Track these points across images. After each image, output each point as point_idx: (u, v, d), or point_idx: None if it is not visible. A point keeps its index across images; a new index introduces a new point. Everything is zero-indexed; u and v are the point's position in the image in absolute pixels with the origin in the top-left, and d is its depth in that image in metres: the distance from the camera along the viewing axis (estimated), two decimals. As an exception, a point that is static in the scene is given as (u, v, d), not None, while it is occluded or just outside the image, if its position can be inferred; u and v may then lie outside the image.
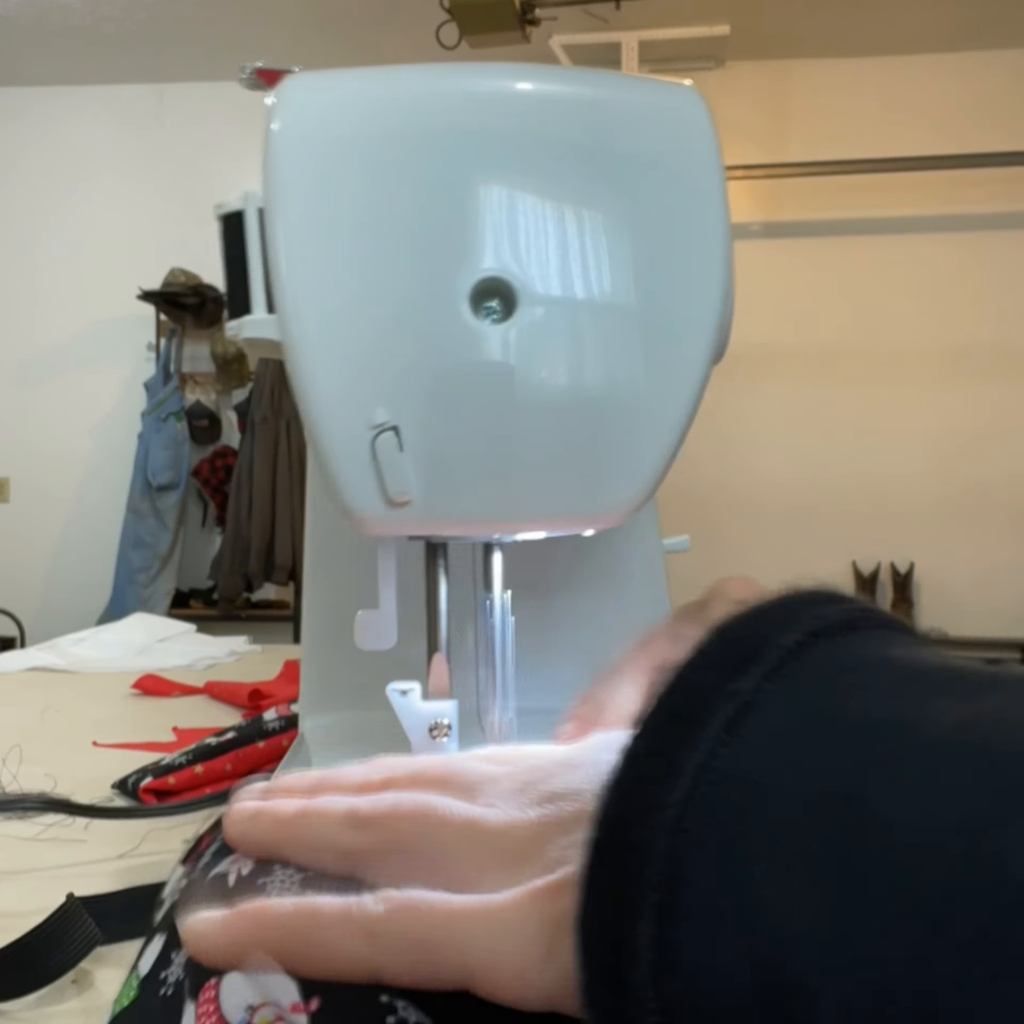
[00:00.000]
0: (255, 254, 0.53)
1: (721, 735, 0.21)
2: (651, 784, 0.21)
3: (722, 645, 0.23)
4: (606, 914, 0.21)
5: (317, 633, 0.63)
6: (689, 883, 0.20)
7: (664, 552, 0.64)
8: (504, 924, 0.24)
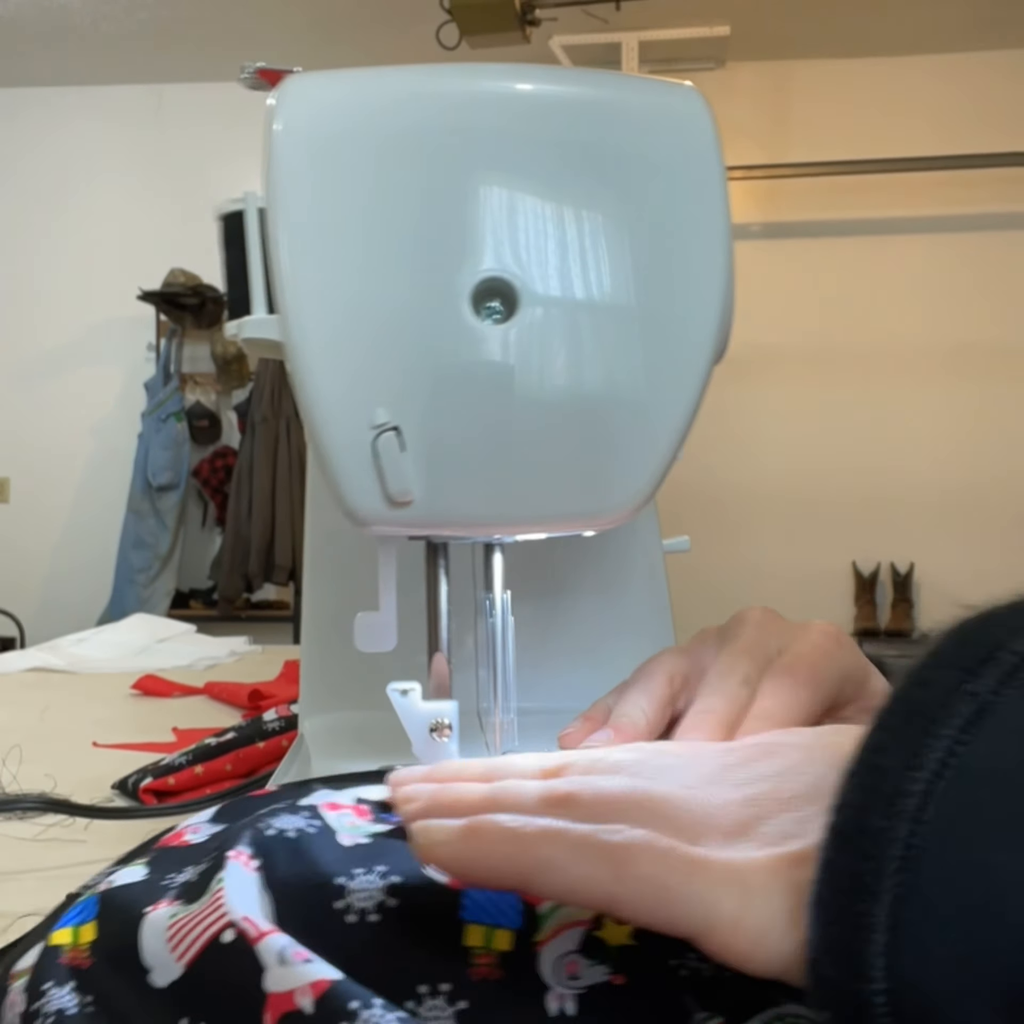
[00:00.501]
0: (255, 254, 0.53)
1: (960, 732, 0.22)
2: (892, 774, 0.22)
3: (955, 645, 0.24)
4: (842, 894, 0.22)
5: (317, 633, 0.63)
6: (928, 870, 0.21)
7: (664, 552, 0.64)
8: (748, 884, 0.25)
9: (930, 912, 0.21)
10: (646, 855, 0.26)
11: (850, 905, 0.21)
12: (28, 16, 3.63)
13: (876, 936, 0.21)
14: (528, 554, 0.54)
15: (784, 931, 0.24)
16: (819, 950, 0.22)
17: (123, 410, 4.20)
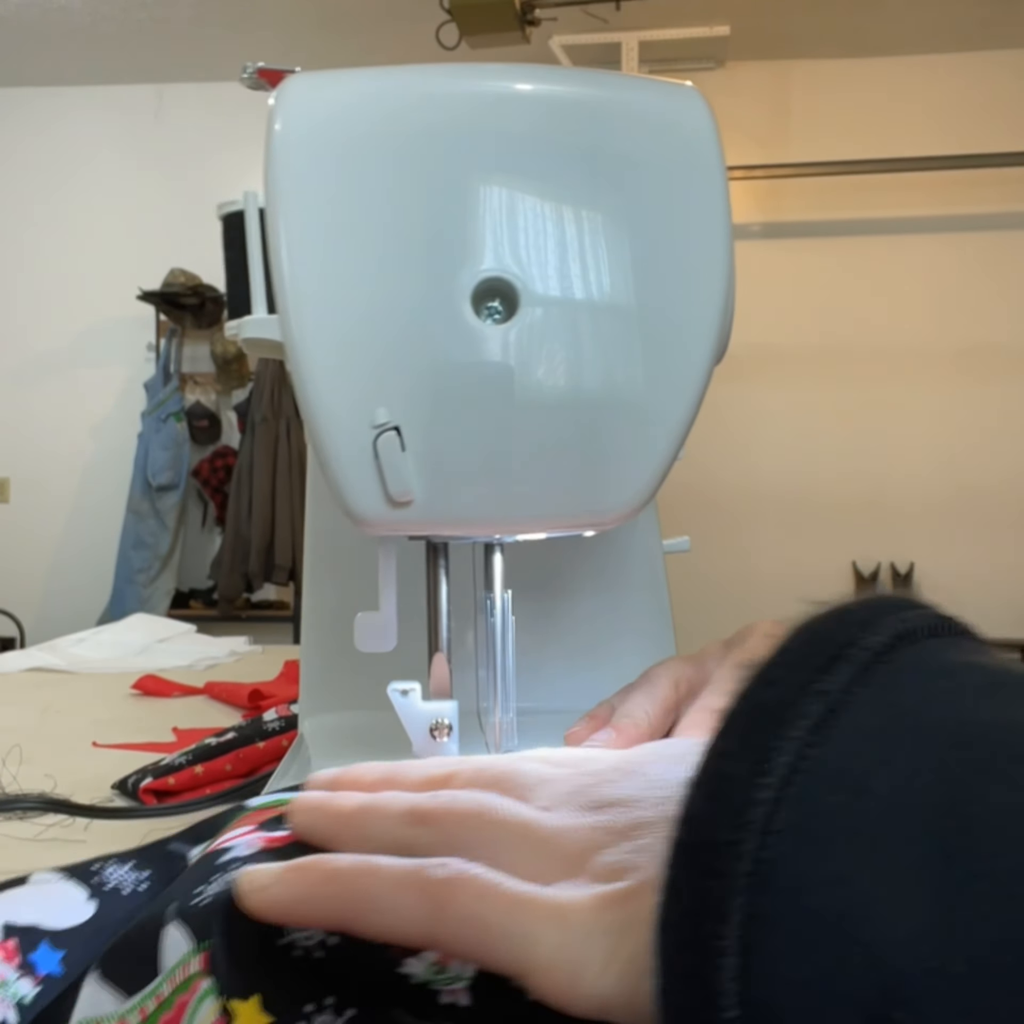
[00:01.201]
0: (256, 254, 0.53)
1: (810, 735, 0.20)
2: (738, 782, 0.20)
3: (804, 644, 0.22)
4: (689, 916, 0.20)
5: (317, 633, 0.63)
6: (780, 886, 0.19)
7: (664, 553, 0.64)
8: (567, 923, 0.24)
9: (782, 931, 0.19)
10: (467, 892, 0.25)
11: (698, 927, 0.20)
12: (28, 16, 3.63)
13: (726, 960, 0.19)
14: (528, 554, 0.54)
15: (600, 971, 0.23)
16: (667, 977, 0.20)
17: (123, 410, 4.20)
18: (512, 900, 0.25)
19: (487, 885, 0.25)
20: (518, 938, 0.24)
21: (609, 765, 0.30)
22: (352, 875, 0.27)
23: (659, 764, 0.29)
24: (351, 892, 0.26)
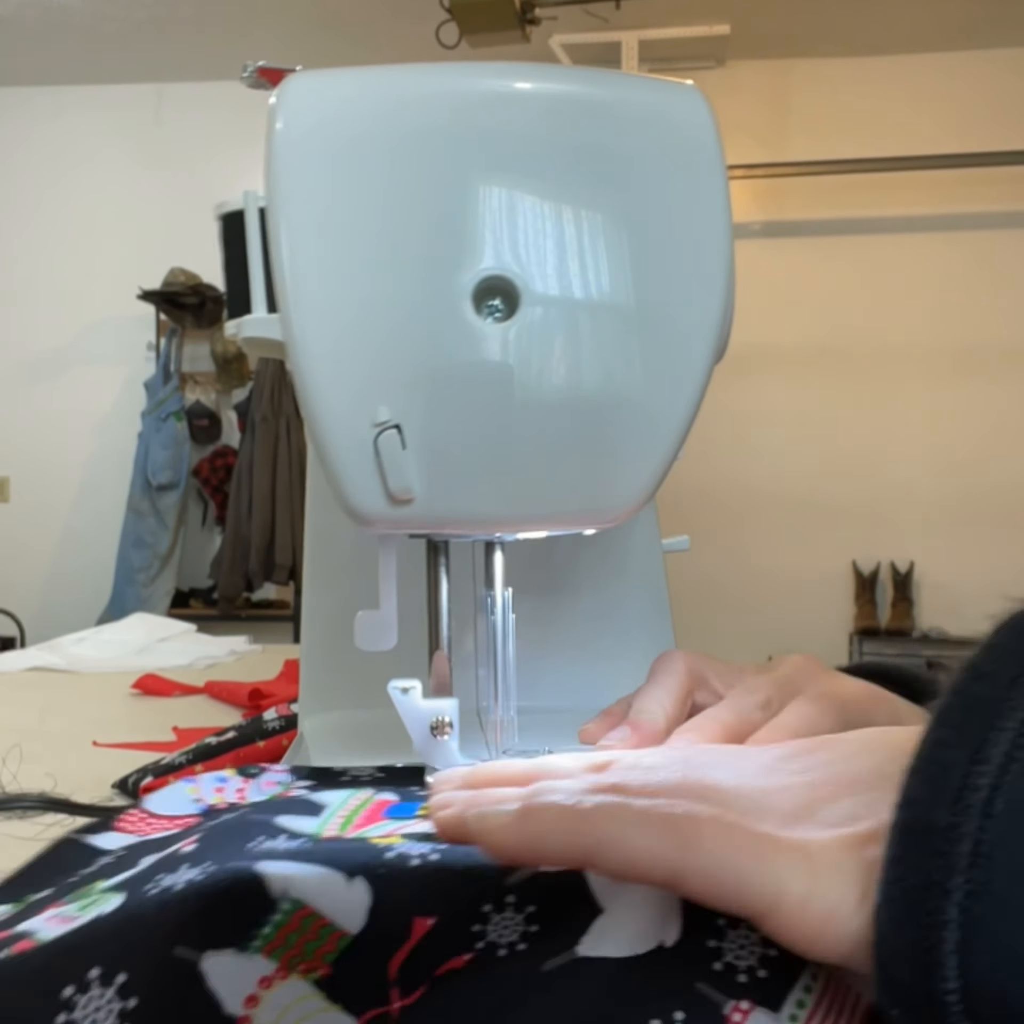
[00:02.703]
0: (256, 253, 0.53)
1: (1022, 725, 0.22)
2: (957, 769, 0.22)
3: (1013, 639, 0.24)
4: (913, 891, 0.21)
5: (317, 633, 0.63)
6: (999, 865, 0.20)
7: (664, 552, 0.64)
8: (817, 862, 0.24)
9: (1003, 907, 0.20)
10: (712, 828, 0.25)
11: (921, 903, 0.21)
12: (28, 16, 3.63)
13: (948, 934, 0.21)
14: (528, 552, 0.54)
15: (854, 910, 0.23)
16: (890, 949, 0.22)
17: (123, 409, 4.20)
18: (758, 838, 0.25)
19: (731, 822, 0.25)
20: (767, 876, 0.24)
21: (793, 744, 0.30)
22: (593, 812, 0.26)
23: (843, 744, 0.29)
24: (593, 829, 0.26)
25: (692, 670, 0.44)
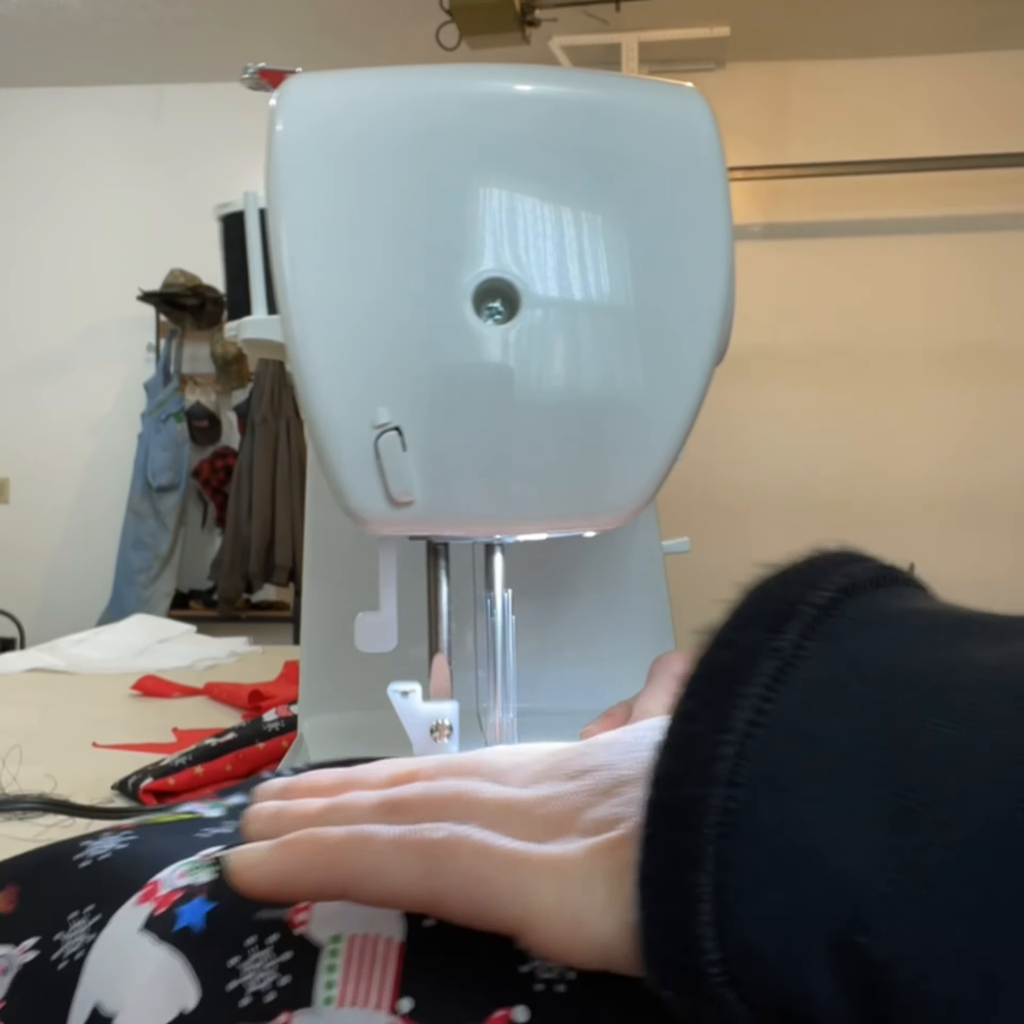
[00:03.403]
0: (256, 255, 0.53)
1: (766, 690, 0.22)
2: (701, 740, 0.22)
3: (756, 604, 0.24)
4: (665, 869, 0.21)
5: (317, 634, 0.63)
6: (745, 833, 0.21)
7: (664, 553, 0.64)
8: (566, 873, 0.24)
9: (753, 874, 0.20)
10: (465, 849, 0.25)
11: (674, 878, 0.21)
12: (28, 16, 3.63)
13: (703, 906, 0.21)
14: (528, 554, 0.54)
15: (600, 916, 0.23)
16: (649, 928, 0.22)
17: (123, 410, 4.20)
18: (509, 855, 0.25)
19: (482, 841, 0.26)
20: (517, 891, 0.25)
21: (581, 744, 0.31)
22: (346, 843, 0.26)
23: (632, 733, 0.30)
24: (347, 859, 0.26)
25: None
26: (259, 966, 0.27)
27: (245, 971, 0.28)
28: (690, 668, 0.23)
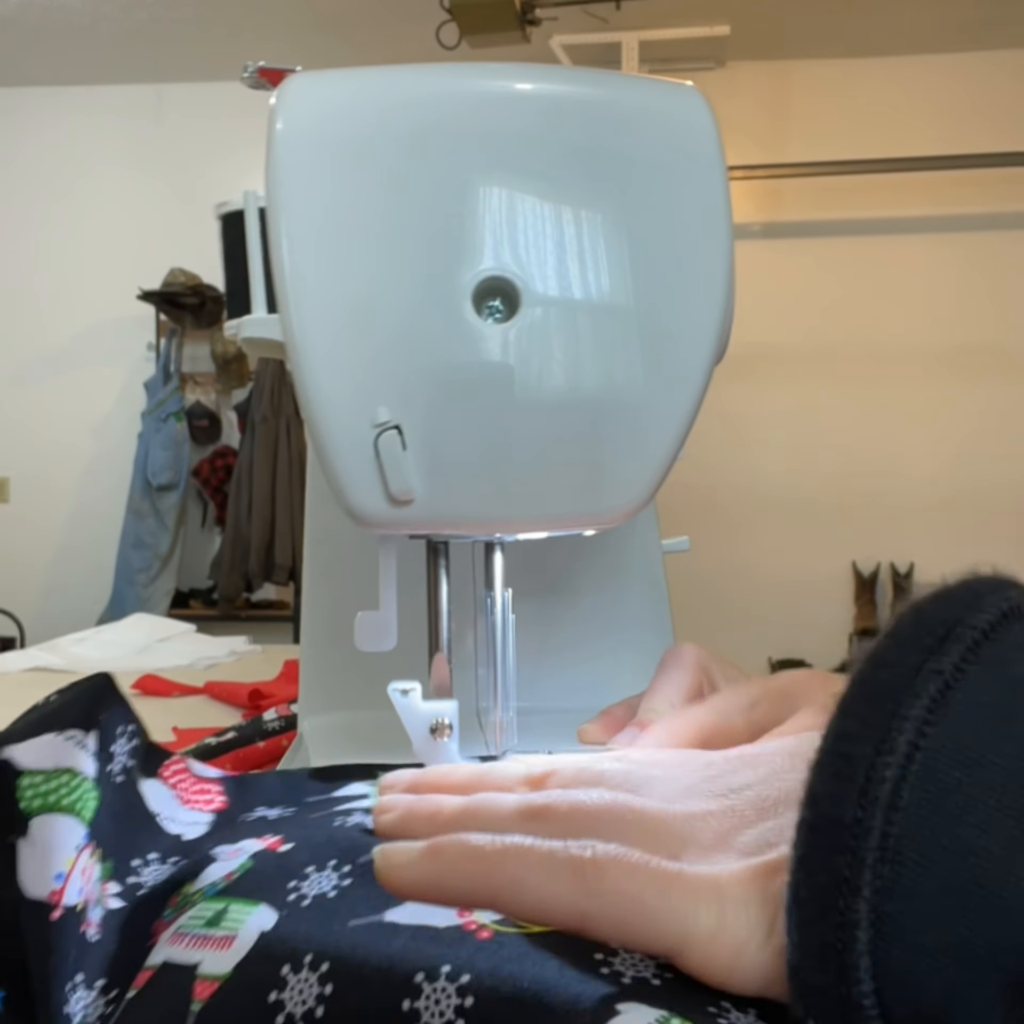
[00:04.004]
0: (255, 254, 0.53)
1: (928, 713, 0.21)
2: (862, 761, 0.21)
3: (916, 625, 0.23)
4: (820, 892, 0.21)
5: (316, 633, 0.63)
6: (908, 859, 0.20)
7: (663, 553, 0.64)
8: (724, 896, 0.24)
9: (915, 902, 0.20)
10: (618, 869, 0.25)
11: (830, 902, 0.20)
12: (28, 16, 3.63)
13: (859, 933, 0.20)
14: (528, 554, 0.54)
15: (762, 943, 0.23)
16: (800, 953, 0.21)
17: (123, 410, 4.20)
18: (664, 875, 0.24)
19: (637, 862, 0.25)
20: (674, 914, 0.24)
21: (726, 759, 0.30)
22: (499, 854, 0.26)
23: (778, 756, 0.29)
24: (499, 872, 0.26)
25: (703, 665, 0.44)
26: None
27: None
28: (846, 689, 0.22)
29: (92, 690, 0.34)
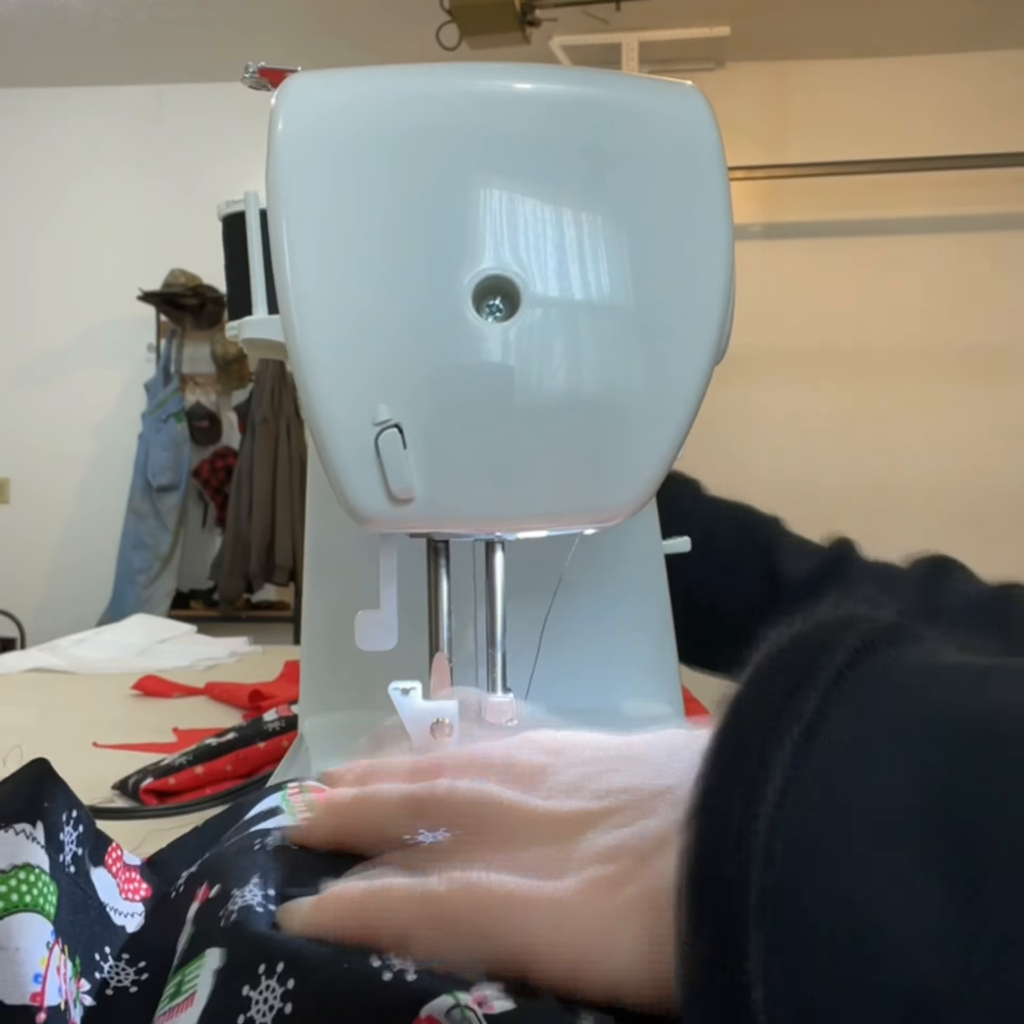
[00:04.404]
0: (256, 255, 0.54)
1: (793, 757, 0.21)
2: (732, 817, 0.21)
3: (771, 673, 0.23)
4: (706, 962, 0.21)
5: (317, 633, 0.63)
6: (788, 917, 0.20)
7: (664, 553, 0.64)
8: (564, 911, 0.25)
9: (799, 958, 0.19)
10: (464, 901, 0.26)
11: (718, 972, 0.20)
12: (28, 16, 3.63)
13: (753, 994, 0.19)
14: (527, 553, 0.54)
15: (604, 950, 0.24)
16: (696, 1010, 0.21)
17: (123, 410, 4.20)
18: (508, 898, 0.26)
19: (482, 891, 0.26)
20: (517, 933, 0.25)
21: (616, 752, 0.31)
22: (366, 901, 0.28)
23: (660, 752, 0.30)
24: (367, 916, 0.28)
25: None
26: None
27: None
28: (710, 743, 0.22)
29: (32, 778, 0.34)
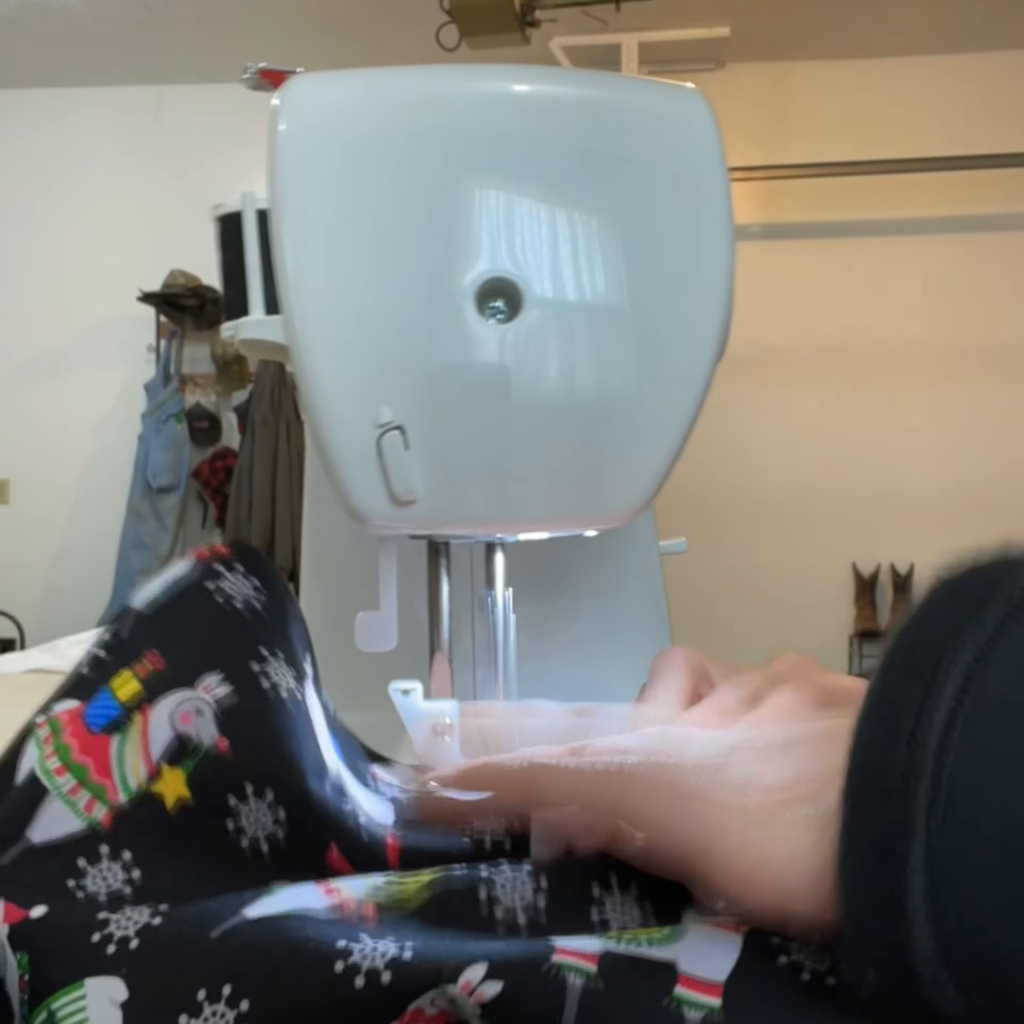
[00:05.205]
0: (253, 255, 0.53)
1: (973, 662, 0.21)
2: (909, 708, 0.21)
3: (954, 590, 0.23)
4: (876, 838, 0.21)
5: (316, 634, 0.63)
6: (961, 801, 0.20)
7: (661, 554, 0.64)
8: (750, 818, 0.24)
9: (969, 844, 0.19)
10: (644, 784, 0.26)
11: (884, 847, 0.20)
12: (28, 16, 3.63)
13: (916, 877, 0.19)
14: (527, 554, 0.54)
15: (786, 861, 0.23)
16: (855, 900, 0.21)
17: (123, 411, 4.19)
18: (694, 793, 0.25)
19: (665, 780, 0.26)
20: (701, 822, 0.25)
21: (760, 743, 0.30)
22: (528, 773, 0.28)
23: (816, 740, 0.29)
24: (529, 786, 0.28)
25: (694, 665, 0.44)
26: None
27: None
28: (888, 641, 0.23)
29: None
